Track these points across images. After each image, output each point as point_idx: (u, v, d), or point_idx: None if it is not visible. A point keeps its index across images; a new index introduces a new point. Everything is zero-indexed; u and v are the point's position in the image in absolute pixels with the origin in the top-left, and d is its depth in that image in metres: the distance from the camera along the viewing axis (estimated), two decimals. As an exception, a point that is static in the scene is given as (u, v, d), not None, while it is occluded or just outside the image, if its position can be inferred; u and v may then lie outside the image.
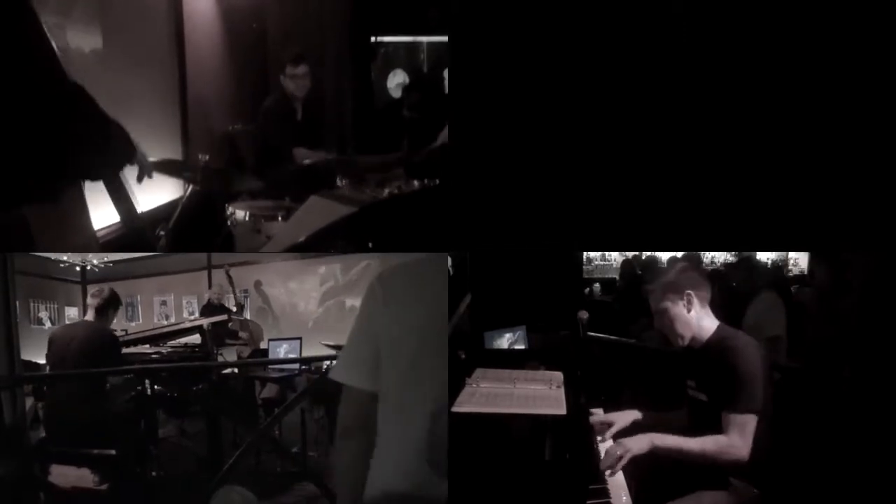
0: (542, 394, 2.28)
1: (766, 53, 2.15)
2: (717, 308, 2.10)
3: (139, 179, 2.01)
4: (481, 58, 2.20)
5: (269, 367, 4.06)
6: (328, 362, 3.46)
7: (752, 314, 3.83)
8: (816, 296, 3.74)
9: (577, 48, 2.17)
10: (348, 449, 1.52)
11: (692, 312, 2.03)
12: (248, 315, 5.64)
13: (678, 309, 2.03)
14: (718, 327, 2.04)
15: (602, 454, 2.02)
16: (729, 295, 4.05)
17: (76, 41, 3.09)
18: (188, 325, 4.35)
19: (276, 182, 3.82)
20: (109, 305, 3.26)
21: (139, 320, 7.18)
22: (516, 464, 1.93)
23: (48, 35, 1.67)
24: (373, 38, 6.37)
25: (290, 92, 4.30)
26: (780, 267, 6.20)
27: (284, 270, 6.37)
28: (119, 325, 6.65)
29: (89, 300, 3.27)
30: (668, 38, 2.16)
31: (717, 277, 4.21)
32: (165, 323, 6.60)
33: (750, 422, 1.85)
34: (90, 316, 3.25)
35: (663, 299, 2.04)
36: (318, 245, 2.40)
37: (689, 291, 2.02)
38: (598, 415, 2.29)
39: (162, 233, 3.28)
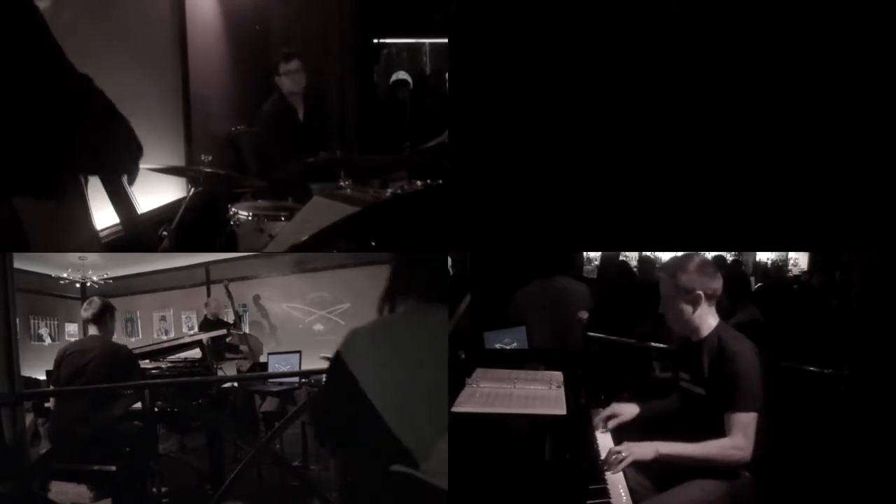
0: (542, 394, 2.28)
1: (766, 53, 2.15)
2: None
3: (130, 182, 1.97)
4: (481, 59, 2.21)
5: (269, 380, 4.06)
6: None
7: None
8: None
9: (577, 48, 2.18)
10: None
11: (697, 312, 2.03)
12: (247, 329, 5.65)
13: (684, 305, 2.03)
14: (718, 325, 2.05)
15: (602, 451, 2.03)
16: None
17: (79, 43, 3.10)
18: (188, 340, 4.35)
19: (278, 182, 3.84)
20: (105, 313, 3.21)
21: (139, 336, 7.18)
22: (516, 464, 1.94)
23: (50, 29, 1.66)
24: (375, 40, 6.39)
25: (288, 89, 4.33)
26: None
27: (283, 285, 6.38)
28: (119, 340, 6.69)
29: (83, 314, 3.22)
30: (667, 38, 2.16)
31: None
32: (165, 338, 6.55)
33: (752, 421, 1.87)
34: (92, 330, 3.20)
35: (673, 291, 2.05)
36: (320, 245, 2.41)
37: (698, 291, 2.02)
38: (604, 412, 2.30)
39: (165, 233, 3.29)
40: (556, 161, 2.21)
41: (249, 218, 3.46)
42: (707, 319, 2.04)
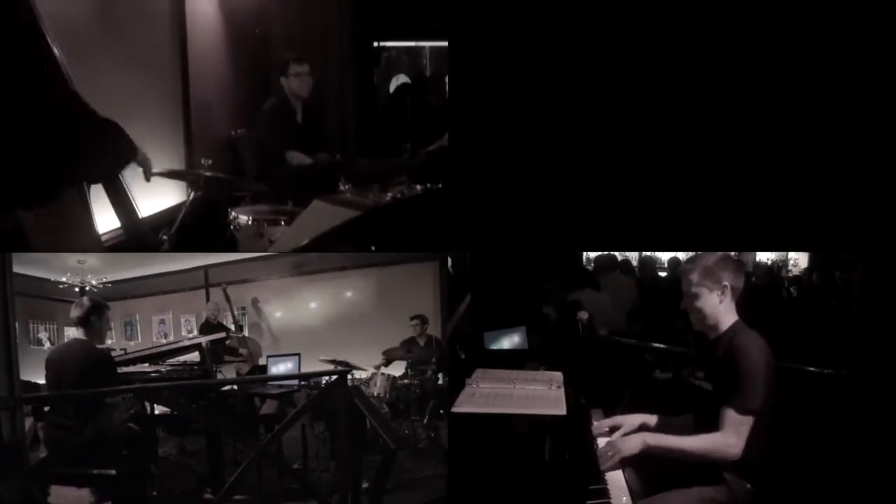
0: (542, 394, 2.28)
1: (766, 53, 2.16)
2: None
3: (146, 179, 2.03)
4: (481, 62, 2.21)
5: (268, 383, 4.06)
6: (327, 378, 3.46)
7: None
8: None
9: (576, 50, 2.18)
10: None
11: (723, 304, 2.03)
12: (246, 332, 5.65)
13: (712, 297, 2.02)
14: (735, 323, 2.04)
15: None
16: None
17: (80, 46, 3.12)
18: (187, 343, 4.34)
19: (278, 186, 3.84)
20: (92, 313, 3.08)
21: (138, 339, 7.16)
22: (516, 464, 1.94)
23: (52, 44, 1.69)
24: (375, 43, 6.39)
25: (294, 91, 4.32)
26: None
27: (282, 287, 6.39)
28: (118, 344, 6.70)
29: (72, 314, 3.10)
30: (666, 39, 2.16)
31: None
32: (164, 341, 6.53)
33: (746, 421, 1.86)
34: (79, 333, 3.09)
35: (700, 284, 2.03)
36: (320, 248, 2.42)
37: (726, 283, 2.02)
38: (605, 420, 2.29)
39: (165, 237, 3.29)
40: (555, 162, 2.21)
41: (249, 222, 3.46)
42: (726, 316, 2.04)
